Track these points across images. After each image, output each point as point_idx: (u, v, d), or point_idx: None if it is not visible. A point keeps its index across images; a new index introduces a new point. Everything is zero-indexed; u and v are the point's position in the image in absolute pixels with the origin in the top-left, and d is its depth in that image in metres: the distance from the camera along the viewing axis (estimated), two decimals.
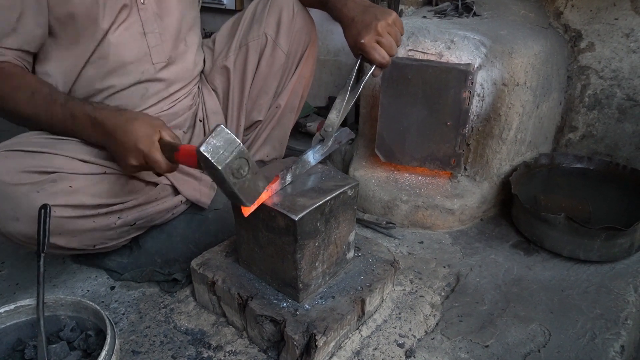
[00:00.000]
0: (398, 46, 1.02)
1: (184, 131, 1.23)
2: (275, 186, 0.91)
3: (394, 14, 1.01)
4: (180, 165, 1.17)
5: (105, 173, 1.01)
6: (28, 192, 0.90)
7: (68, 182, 0.94)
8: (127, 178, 1.06)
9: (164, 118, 1.15)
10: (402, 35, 1.04)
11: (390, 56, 1.00)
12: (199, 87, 1.28)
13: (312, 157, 0.98)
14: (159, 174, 0.99)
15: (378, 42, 0.99)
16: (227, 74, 1.27)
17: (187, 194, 1.17)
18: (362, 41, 0.98)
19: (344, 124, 1.24)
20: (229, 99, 1.29)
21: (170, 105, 1.18)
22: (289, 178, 0.94)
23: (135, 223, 1.08)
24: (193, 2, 1.22)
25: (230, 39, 1.27)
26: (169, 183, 1.14)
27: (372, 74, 1.01)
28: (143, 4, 1.08)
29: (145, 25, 1.08)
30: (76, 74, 1.05)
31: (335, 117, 0.97)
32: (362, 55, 1.01)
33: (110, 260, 1.17)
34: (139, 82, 1.10)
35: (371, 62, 1.01)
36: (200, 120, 1.28)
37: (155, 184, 1.11)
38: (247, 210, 0.86)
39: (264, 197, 0.88)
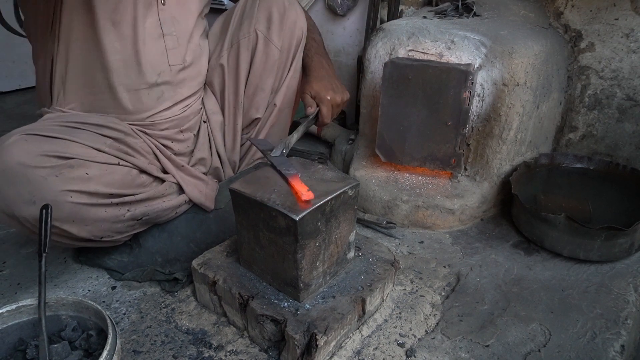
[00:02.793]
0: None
1: (194, 134, 1.25)
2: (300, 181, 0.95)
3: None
4: (188, 167, 1.20)
5: (118, 164, 1.03)
6: (47, 175, 0.90)
7: (84, 169, 0.96)
8: (137, 172, 1.08)
9: (177, 122, 1.19)
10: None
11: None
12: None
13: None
14: None
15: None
16: (222, 72, 1.28)
17: (192, 196, 1.18)
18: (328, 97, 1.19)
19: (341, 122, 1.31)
20: (225, 98, 1.30)
21: (183, 110, 1.20)
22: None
23: (141, 218, 1.09)
24: (205, 9, 1.25)
25: (223, 37, 1.27)
26: (175, 181, 1.15)
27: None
28: (163, 4, 1.09)
29: (163, 26, 1.10)
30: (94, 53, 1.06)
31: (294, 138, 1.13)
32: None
33: (110, 260, 1.17)
34: (156, 85, 1.12)
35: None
36: (205, 122, 1.30)
37: (162, 181, 1.13)
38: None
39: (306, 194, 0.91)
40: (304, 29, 1.26)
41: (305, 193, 0.88)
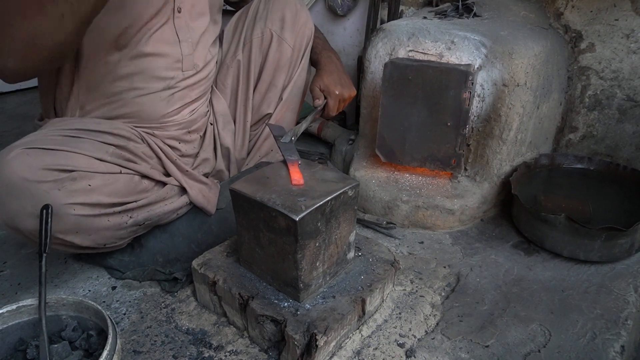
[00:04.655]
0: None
1: (200, 135, 1.28)
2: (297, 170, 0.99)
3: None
4: (192, 171, 1.22)
5: (120, 172, 1.02)
6: (50, 189, 0.90)
7: (87, 181, 0.95)
8: (140, 177, 1.08)
9: (185, 125, 1.21)
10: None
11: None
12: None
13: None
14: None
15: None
16: (238, 69, 1.31)
17: (195, 200, 1.19)
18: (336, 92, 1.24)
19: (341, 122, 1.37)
20: (238, 96, 1.33)
21: (191, 113, 1.22)
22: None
23: (144, 223, 1.10)
24: (218, 17, 1.28)
25: (237, 38, 1.31)
26: (177, 184, 1.16)
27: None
28: (179, 12, 1.11)
29: (179, 33, 1.13)
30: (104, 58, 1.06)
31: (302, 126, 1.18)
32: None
33: (112, 259, 1.17)
34: (169, 88, 1.14)
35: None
36: (211, 124, 1.32)
37: (164, 184, 1.13)
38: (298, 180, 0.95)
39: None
40: (313, 29, 1.32)
41: (296, 178, 0.95)
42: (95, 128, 1.05)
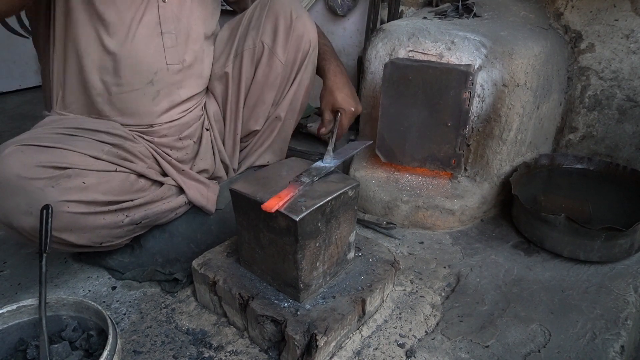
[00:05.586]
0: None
1: (194, 141, 1.24)
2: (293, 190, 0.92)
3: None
4: (189, 171, 1.20)
5: (116, 171, 1.02)
6: (44, 186, 0.90)
7: (81, 179, 0.95)
8: (136, 176, 1.07)
9: (176, 128, 1.17)
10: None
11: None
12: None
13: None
14: None
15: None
16: (226, 81, 1.26)
17: (194, 200, 1.18)
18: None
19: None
20: (227, 107, 1.29)
21: (181, 114, 1.18)
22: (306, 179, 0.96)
23: (141, 222, 1.09)
24: (214, 11, 1.24)
25: (229, 46, 1.26)
26: (175, 184, 1.15)
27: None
28: (164, 1, 1.09)
29: (163, 24, 1.09)
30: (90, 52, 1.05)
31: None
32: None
33: (112, 259, 1.17)
34: (151, 83, 1.11)
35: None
36: (207, 129, 1.28)
37: (161, 184, 1.13)
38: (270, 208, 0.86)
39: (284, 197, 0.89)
40: (312, 41, 1.23)
41: (272, 200, 0.87)
42: (91, 127, 1.04)
